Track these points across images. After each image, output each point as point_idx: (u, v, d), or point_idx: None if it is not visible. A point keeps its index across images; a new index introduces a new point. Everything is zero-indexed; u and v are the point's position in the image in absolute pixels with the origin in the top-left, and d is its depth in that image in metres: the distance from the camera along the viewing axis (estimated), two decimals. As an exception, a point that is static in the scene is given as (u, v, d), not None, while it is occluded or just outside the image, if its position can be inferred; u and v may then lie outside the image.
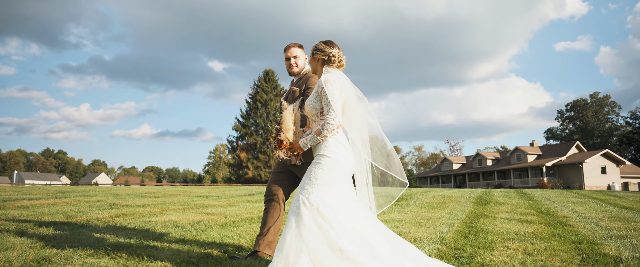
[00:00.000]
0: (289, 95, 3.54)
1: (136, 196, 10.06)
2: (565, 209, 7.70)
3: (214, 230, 4.90)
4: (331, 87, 2.69)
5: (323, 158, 2.66)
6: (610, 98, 66.94)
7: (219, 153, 75.53)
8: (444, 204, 8.28)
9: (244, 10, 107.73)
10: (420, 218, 6.09)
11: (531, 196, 11.83)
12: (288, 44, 3.59)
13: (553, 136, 71.30)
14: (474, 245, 4.06)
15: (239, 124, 52.10)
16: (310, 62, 2.98)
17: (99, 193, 10.62)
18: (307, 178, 2.66)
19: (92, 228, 4.89)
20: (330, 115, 2.65)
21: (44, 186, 15.63)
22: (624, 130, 64.17)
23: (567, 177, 40.88)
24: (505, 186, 42.97)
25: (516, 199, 10.18)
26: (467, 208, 7.58)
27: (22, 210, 6.63)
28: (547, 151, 45.06)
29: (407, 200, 9.30)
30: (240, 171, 50.63)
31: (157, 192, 11.89)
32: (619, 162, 41.88)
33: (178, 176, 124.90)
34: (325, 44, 2.88)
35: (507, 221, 5.90)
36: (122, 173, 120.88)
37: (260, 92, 51.74)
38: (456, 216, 6.38)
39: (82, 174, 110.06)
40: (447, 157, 54.11)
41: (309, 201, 2.57)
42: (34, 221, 5.38)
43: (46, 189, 12.44)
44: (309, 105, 2.82)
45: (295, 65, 3.56)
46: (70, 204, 7.76)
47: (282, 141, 2.81)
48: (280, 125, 2.83)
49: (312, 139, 2.71)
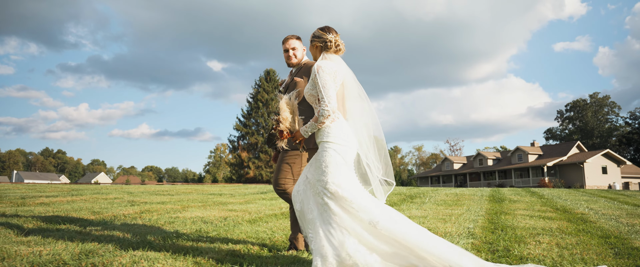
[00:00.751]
0: (290, 86, 3.56)
1: (150, 193, 10.10)
2: (580, 207, 7.77)
3: (244, 225, 4.95)
4: (323, 74, 2.75)
5: (327, 144, 2.73)
6: (609, 98, 67.18)
7: (219, 153, 75.58)
8: (459, 202, 8.35)
9: (244, 10, 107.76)
10: (442, 215, 6.16)
11: (541, 194, 11.91)
12: (286, 36, 3.64)
13: (553, 136, 71.53)
14: (506, 239, 4.13)
15: (240, 123, 52.15)
16: (310, 50, 3.03)
17: (113, 191, 10.66)
18: (317, 169, 2.72)
19: (123, 223, 4.94)
20: (324, 102, 2.71)
21: (49, 185, 15.65)
22: (623, 131, 64.42)
23: (568, 177, 41.03)
24: (506, 185, 43.09)
25: (528, 197, 10.26)
26: (483, 205, 7.65)
27: (44, 207, 6.67)
28: (548, 151, 45.21)
29: (421, 198, 9.37)
30: (242, 170, 50.67)
31: (169, 190, 11.93)
32: (619, 162, 42.04)
33: (177, 175, 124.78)
34: (322, 30, 2.92)
35: (528, 218, 5.96)
36: (121, 173, 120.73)
37: (261, 91, 51.79)
38: (476, 213, 6.45)
39: (81, 174, 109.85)
40: (448, 157, 54.21)
41: (327, 190, 2.64)
42: (62, 216, 5.42)
43: (59, 187, 12.47)
44: (307, 93, 2.88)
45: (294, 56, 3.60)
46: (89, 201, 7.80)
47: (282, 131, 2.86)
48: (279, 115, 2.88)
49: (311, 126, 2.77)
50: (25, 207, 6.49)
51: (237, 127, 51.68)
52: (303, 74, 3.50)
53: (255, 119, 51.77)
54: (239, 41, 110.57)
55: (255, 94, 52.15)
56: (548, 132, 72.35)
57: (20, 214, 5.57)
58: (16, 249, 3.24)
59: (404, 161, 79.55)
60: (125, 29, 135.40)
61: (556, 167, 42.46)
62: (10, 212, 5.79)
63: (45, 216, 5.43)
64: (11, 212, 5.70)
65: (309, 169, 2.84)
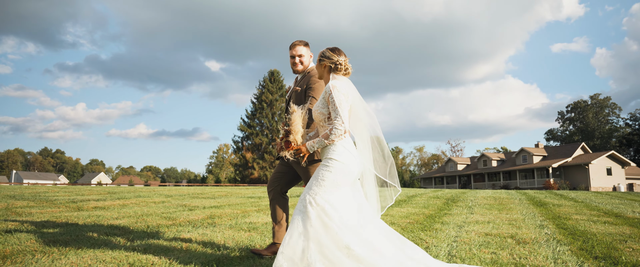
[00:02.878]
0: (292, 94, 3.62)
1: (191, 196, 10.13)
2: (626, 210, 7.88)
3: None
4: (338, 94, 2.79)
5: (331, 161, 2.78)
6: (610, 100, 67.67)
7: (222, 153, 75.45)
8: (505, 206, 8.44)
9: (242, 10, 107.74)
10: (502, 220, 6.23)
11: (572, 197, 12.03)
12: (293, 41, 3.62)
13: (554, 137, 71.95)
14: (595, 245, 4.20)
15: (244, 124, 52.11)
16: (317, 68, 3.05)
17: (153, 194, 10.69)
18: (314, 179, 2.78)
19: (217, 229, 4.96)
20: (338, 121, 2.76)
21: (69, 186, 15.62)
22: (623, 132, 64.91)
23: (573, 178, 41.31)
24: (511, 187, 43.34)
25: (564, 200, 10.37)
26: (533, 210, 7.74)
27: (101, 210, 6.70)
28: (553, 152, 45.50)
29: (463, 201, 9.47)
30: (246, 171, 50.63)
31: (203, 192, 11.96)
32: (624, 163, 42.38)
33: (176, 175, 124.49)
34: (332, 51, 2.96)
35: (591, 223, 6.05)
36: (120, 173, 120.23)
37: (265, 92, 51.77)
38: (535, 217, 6.54)
39: (80, 174, 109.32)
40: (452, 158, 54.41)
41: (315, 201, 2.70)
42: (141, 222, 5.46)
43: (94, 189, 12.47)
44: (316, 111, 2.91)
45: (300, 63, 3.59)
46: (140, 205, 7.84)
47: (290, 143, 2.91)
48: (290, 127, 2.91)
49: (319, 143, 2.82)
50: (87, 212, 6.52)
51: (242, 128, 51.65)
52: (304, 84, 3.52)
53: (260, 119, 51.75)
54: (237, 41, 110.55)
55: (260, 94, 52.12)
56: (549, 133, 72.78)
57: (100, 223, 5.61)
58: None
59: (405, 162, 79.74)
60: (124, 28, 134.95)
61: (561, 169, 42.74)
62: (88, 220, 5.82)
63: (121, 223, 5.47)
64: (90, 221, 5.73)
65: (310, 181, 2.86)
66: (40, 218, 5.66)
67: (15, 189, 12.31)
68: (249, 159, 49.92)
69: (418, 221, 6.04)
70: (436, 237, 4.61)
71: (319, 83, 3.44)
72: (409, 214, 6.93)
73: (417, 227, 5.32)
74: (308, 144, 2.87)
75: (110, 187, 14.68)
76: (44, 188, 13.18)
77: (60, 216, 5.94)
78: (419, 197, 11.22)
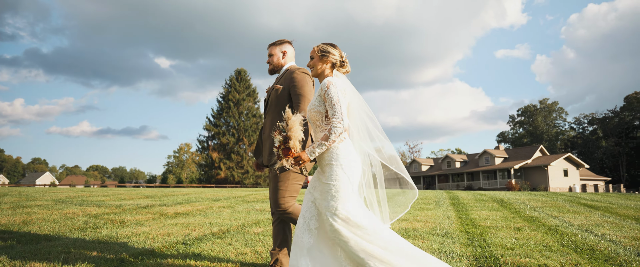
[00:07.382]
0: (272, 92, 3.37)
1: (210, 199, 9.45)
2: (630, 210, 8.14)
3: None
4: (334, 89, 2.59)
5: (336, 167, 2.56)
6: (558, 104, 72.16)
7: (183, 153, 72.81)
8: (508, 206, 8.51)
9: (195, 7, 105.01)
10: (520, 221, 6.19)
11: (571, 196, 12.42)
12: (272, 41, 3.46)
13: (505, 139, 75.75)
14: None
15: (210, 123, 50.63)
16: (316, 64, 2.78)
17: (179, 194, 9.87)
18: (325, 193, 2.54)
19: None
20: (336, 119, 2.53)
21: (16, 187, 14.18)
22: (567, 135, 69.49)
23: (533, 179, 43.52)
24: (474, 187, 44.98)
25: (568, 205, 10.65)
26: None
27: (135, 228, 5.99)
28: (513, 154, 47.72)
29: (464, 204, 9.47)
30: (212, 171, 49.21)
31: (188, 193, 11.25)
32: (578, 165, 45.21)
33: (125, 175, 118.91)
34: (332, 46, 2.78)
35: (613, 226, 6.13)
36: (65, 172, 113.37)
37: (232, 91, 50.57)
38: (556, 219, 6.56)
39: (21, 174, 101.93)
40: (416, 159, 55.69)
41: (337, 216, 2.48)
42: (201, 230, 4.89)
43: (48, 190, 11.35)
44: (312, 110, 2.69)
45: (269, 63, 3.43)
46: (160, 218, 7.13)
47: (290, 149, 2.59)
48: (288, 132, 2.61)
49: (319, 147, 2.55)
50: (128, 216, 5.80)
51: (207, 127, 50.14)
52: (285, 81, 3.27)
53: (226, 119, 50.49)
54: (189, 38, 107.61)
55: (226, 93, 50.85)
56: (500, 136, 76.54)
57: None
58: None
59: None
60: (68, 21, 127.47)
61: (522, 170, 44.90)
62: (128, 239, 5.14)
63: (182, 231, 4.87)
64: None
65: (321, 196, 2.60)
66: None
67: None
68: (216, 159, 48.56)
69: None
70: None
71: (305, 80, 3.15)
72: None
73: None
74: (307, 150, 2.56)
75: (66, 189, 13.36)
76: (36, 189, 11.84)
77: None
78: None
